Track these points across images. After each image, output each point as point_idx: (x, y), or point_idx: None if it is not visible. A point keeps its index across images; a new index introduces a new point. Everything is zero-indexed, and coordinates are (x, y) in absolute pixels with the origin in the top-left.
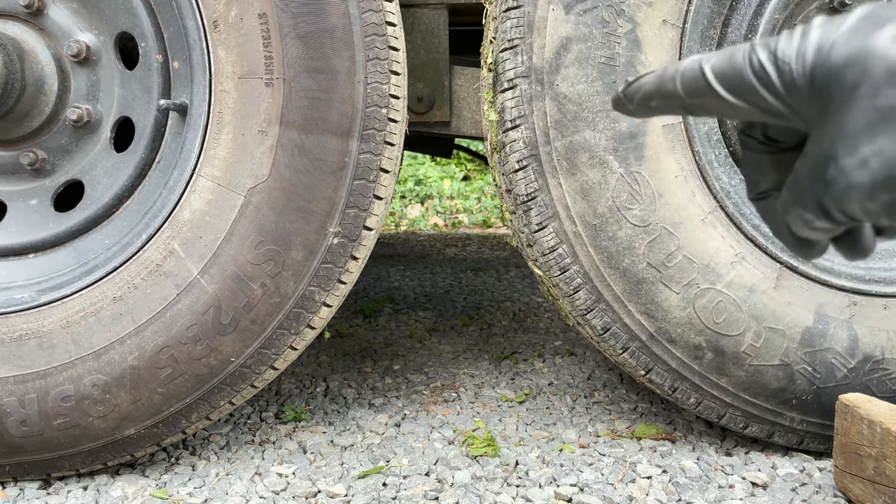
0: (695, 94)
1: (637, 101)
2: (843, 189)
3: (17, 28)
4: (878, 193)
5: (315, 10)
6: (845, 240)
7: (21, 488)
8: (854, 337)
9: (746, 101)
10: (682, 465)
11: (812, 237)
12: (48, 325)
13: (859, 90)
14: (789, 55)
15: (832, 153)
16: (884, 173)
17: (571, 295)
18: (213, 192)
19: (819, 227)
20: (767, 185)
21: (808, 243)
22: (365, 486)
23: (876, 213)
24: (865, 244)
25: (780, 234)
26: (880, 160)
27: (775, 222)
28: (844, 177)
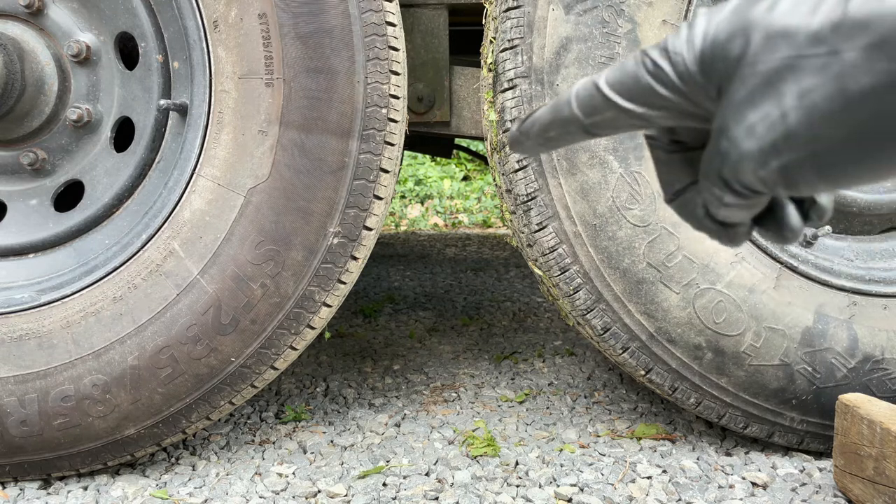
0: (594, 111)
1: (534, 136)
2: (736, 159)
3: (17, 28)
4: (768, 160)
5: (315, 10)
6: (768, 222)
7: (21, 488)
8: (854, 337)
9: (646, 105)
10: (682, 465)
11: (730, 218)
12: (48, 325)
13: (743, 60)
14: (679, 46)
15: (724, 125)
16: (770, 137)
17: (571, 295)
18: (213, 192)
19: (729, 203)
20: (681, 183)
21: (730, 228)
22: (365, 486)
23: (772, 182)
24: (789, 225)
25: (701, 223)
26: (765, 125)
27: (693, 214)
28: (735, 146)
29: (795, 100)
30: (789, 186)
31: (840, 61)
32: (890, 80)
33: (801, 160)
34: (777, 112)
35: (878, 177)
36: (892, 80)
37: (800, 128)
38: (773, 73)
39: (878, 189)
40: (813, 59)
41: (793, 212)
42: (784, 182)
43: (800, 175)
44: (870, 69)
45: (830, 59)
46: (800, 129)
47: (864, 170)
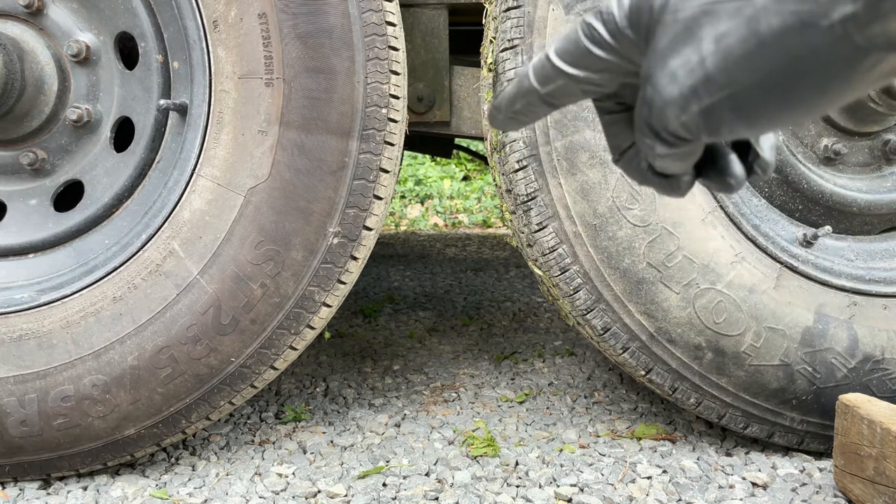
0: (547, 80)
1: (504, 109)
2: (660, 105)
3: (17, 28)
4: (689, 104)
5: (315, 10)
6: (711, 172)
7: (21, 488)
8: (854, 337)
9: (588, 69)
10: (682, 465)
11: (667, 169)
12: (48, 325)
13: (665, 10)
14: (610, 6)
15: (648, 73)
16: (690, 82)
17: (571, 295)
18: (213, 192)
19: (662, 154)
20: (626, 143)
21: (672, 179)
22: (365, 486)
23: (694, 127)
24: (731, 173)
25: (645, 178)
26: (685, 70)
27: (638, 170)
28: (658, 93)
29: (712, 44)
30: (711, 131)
31: (752, 4)
32: (798, 21)
33: (720, 103)
34: (696, 57)
35: (794, 118)
36: (801, 21)
37: (717, 71)
38: (692, 20)
39: (879, 189)
40: (727, 3)
41: (735, 161)
42: (706, 126)
43: (720, 119)
44: (779, 11)
45: (743, 3)
46: (717, 72)
47: (780, 111)
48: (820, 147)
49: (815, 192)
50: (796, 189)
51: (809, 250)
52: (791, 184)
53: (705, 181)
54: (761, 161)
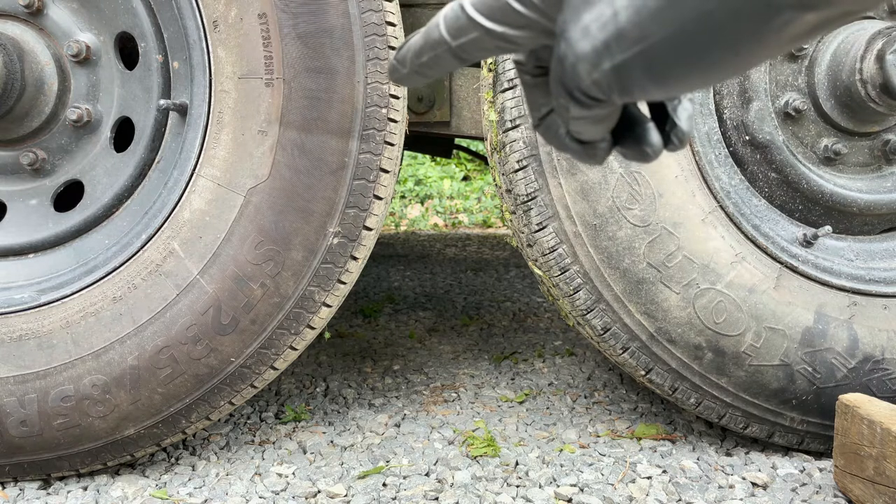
0: (460, 32)
1: (409, 62)
2: (572, 61)
3: (17, 28)
4: (601, 60)
5: (315, 10)
6: (628, 140)
7: (21, 488)
8: (854, 337)
9: (507, 24)
10: (682, 465)
11: (583, 134)
12: (48, 325)
13: None
14: None
15: (563, 28)
16: (602, 37)
17: (571, 295)
18: (213, 192)
19: (576, 116)
20: (547, 107)
21: (589, 146)
22: (365, 487)
23: (606, 85)
24: (648, 141)
25: (562, 143)
26: (598, 24)
27: (556, 136)
28: (571, 48)
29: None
30: (623, 90)
31: None
32: None
33: (632, 60)
34: (609, 11)
35: (706, 79)
36: None
37: (630, 26)
38: None
39: (879, 189)
40: None
41: (652, 129)
42: (618, 84)
43: (631, 78)
44: None
45: None
46: (630, 27)
47: (692, 71)
48: (820, 147)
49: (815, 192)
50: (796, 189)
51: (809, 250)
52: (791, 184)
53: (622, 149)
54: (678, 130)
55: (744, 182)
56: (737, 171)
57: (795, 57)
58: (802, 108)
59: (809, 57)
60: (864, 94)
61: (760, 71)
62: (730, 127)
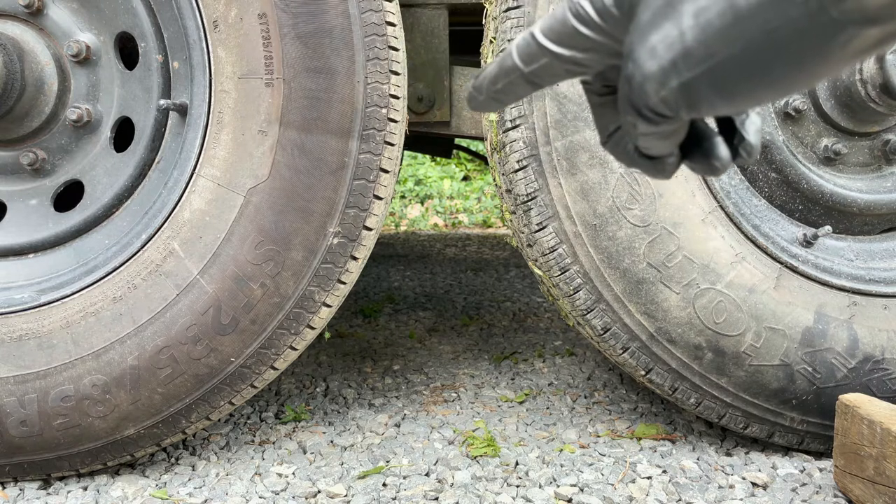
0: (531, 59)
1: (485, 89)
2: (640, 80)
3: (17, 28)
4: (668, 79)
5: (315, 10)
6: (697, 155)
7: (21, 488)
8: (854, 337)
9: (574, 48)
10: (682, 465)
11: (651, 149)
12: (48, 325)
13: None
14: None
15: (630, 49)
16: (669, 56)
17: (571, 295)
18: (213, 192)
19: (644, 132)
20: (614, 125)
21: (657, 161)
22: (365, 486)
23: (673, 102)
24: (716, 156)
25: (631, 160)
26: (665, 45)
27: (624, 152)
28: (639, 68)
29: (692, 19)
30: (691, 107)
31: None
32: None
33: (699, 78)
34: (676, 32)
35: (772, 94)
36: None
37: (696, 45)
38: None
39: (879, 189)
40: None
41: (720, 143)
42: (685, 101)
43: (698, 94)
44: None
45: None
46: (696, 46)
47: (757, 86)
48: (820, 147)
49: (815, 192)
50: (796, 189)
51: (809, 250)
52: (791, 184)
53: (691, 163)
54: (746, 144)
55: (744, 182)
56: (737, 171)
57: None
58: (802, 108)
59: None
60: (864, 94)
61: None
62: None
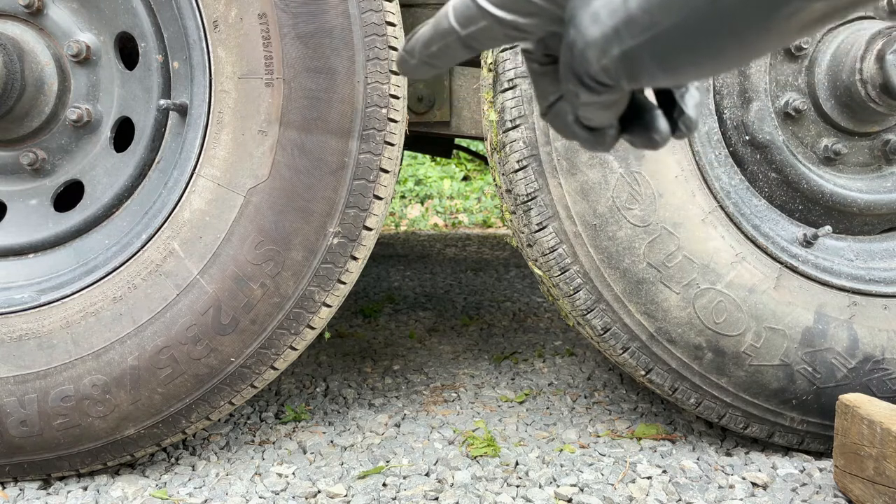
0: (469, 21)
1: (418, 52)
2: (582, 47)
3: (17, 28)
4: (610, 46)
5: (315, 10)
6: (637, 128)
7: (21, 488)
8: (854, 337)
9: (517, 12)
10: (682, 465)
11: (592, 120)
12: (48, 325)
13: None
14: None
15: (572, 14)
16: (612, 23)
17: (571, 295)
18: (213, 192)
19: (586, 102)
20: (555, 95)
21: (598, 133)
22: (365, 486)
23: (614, 70)
24: (656, 128)
25: (571, 131)
26: (608, 10)
27: (565, 123)
28: (580, 34)
29: None
30: (631, 76)
31: None
32: None
33: (641, 47)
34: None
35: (714, 67)
36: None
37: (639, 12)
38: None
39: (879, 189)
40: None
41: (660, 117)
42: (626, 70)
43: (640, 63)
44: None
45: None
46: (639, 13)
47: (700, 58)
48: (820, 147)
49: (815, 192)
50: (796, 189)
51: (809, 250)
52: (791, 184)
53: (630, 136)
54: (686, 118)
55: (744, 182)
56: (737, 171)
57: (795, 57)
58: (802, 108)
59: (809, 57)
60: (864, 94)
61: (760, 71)
62: (730, 127)
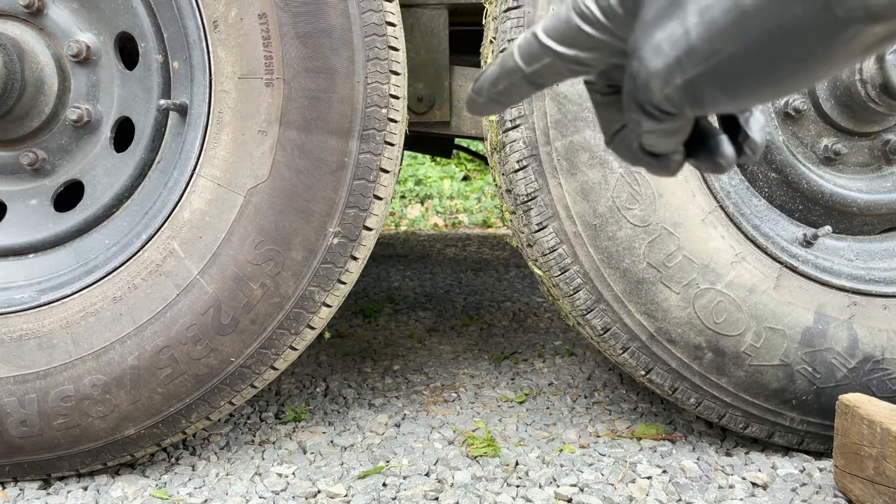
0: (533, 59)
1: (486, 91)
2: (645, 78)
3: (17, 28)
4: (673, 76)
5: (314, 10)
6: (701, 153)
7: (21, 488)
8: (854, 337)
9: (578, 47)
10: (682, 465)
11: (655, 147)
12: (48, 325)
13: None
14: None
15: (634, 47)
16: (674, 54)
17: (571, 295)
18: (213, 192)
19: (648, 130)
20: (618, 124)
21: (663, 158)
22: (365, 487)
23: (678, 99)
24: (721, 153)
25: (636, 158)
26: (670, 42)
27: (629, 150)
28: (643, 65)
29: (697, 16)
30: (695, 104)
31: None
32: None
33: (703, 75)
34: (681, 29)
35: (776, 91)
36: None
37: (701, 43)
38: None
39: (879, 189)
40: None
41: (724, 141)
42: (689, 98)
43: (703, 90)
44: None
45: None
46: (701, 44)
47: (761, 84)
48: (820, 147)
49: (815, 192)
50: (796, 189)
51: (809, 250)
52: (791, 184)
53: (695, 161)
54: (751, 141)
55: (744, 182)
56: (737, 171)
57: None
58: (802, 108)
59: None
60: (864, 94)
61: None
62: None
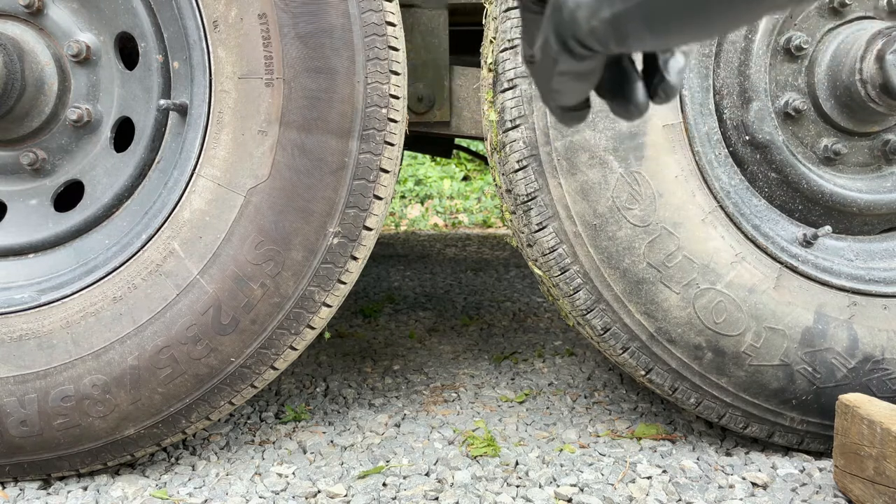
0: None
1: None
2: (572, 7)
3: (17, 28)
4: (600, 8)
5: (315, 10)
6: (616, 97)
7: (21, 488)
8: (854, 337)
9: None
10: (682, 465)
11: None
12: (48, 325)
13: None
14: None
15: None
16: None
17: (571, 295)
18: (213, 192)
19: (562, 70)
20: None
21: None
22: (365, 486)
23: (603, 34)
24: (635, 99)
25: (546, 95)
26: None
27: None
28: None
29: None
30: (620, 40)
31: None
32: None
33: (631, 10)
34: None
35: (702, 31)
36: None
37: None
38: None
39: (879, 189)
40: None
41: (640, 88)
42: (614, 34)
43: (629, 26)
44: None
45: None
46: None
47: (688, 22)
48: (820, 147)
49: (815, 192)
50: (796, 189)
51: (809, 250)
52: (791, 184)
53: (611, 104)
54: (666, 84)
55: (744, 182)
56: (737, 171)
57: (795, 57)
58: (802, 108)
59: (809, 57)
60: (864, 94)
61: (760, 71)
62: (730, 127)
